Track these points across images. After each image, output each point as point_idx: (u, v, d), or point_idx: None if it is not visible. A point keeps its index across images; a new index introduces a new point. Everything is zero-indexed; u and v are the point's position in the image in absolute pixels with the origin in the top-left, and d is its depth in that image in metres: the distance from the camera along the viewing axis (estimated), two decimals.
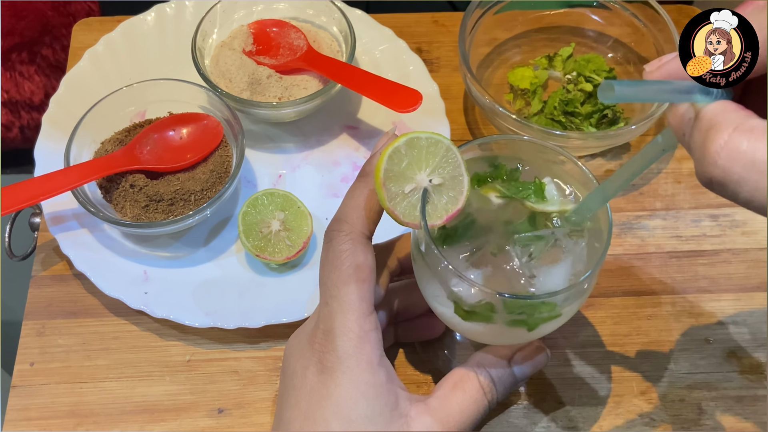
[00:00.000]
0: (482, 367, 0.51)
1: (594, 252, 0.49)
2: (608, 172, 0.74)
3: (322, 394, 0.46)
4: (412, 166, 0.46)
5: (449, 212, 0.47)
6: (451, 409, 0.48)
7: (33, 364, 0.63)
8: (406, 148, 0.46)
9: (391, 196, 0.46)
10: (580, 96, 0.74)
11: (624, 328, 0.66)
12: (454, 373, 0.51)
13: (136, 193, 0.66)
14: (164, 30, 0.78)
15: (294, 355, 0.50)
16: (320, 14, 0.77)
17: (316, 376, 0.47)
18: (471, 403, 0.49)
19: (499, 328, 0.47)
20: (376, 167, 0.45)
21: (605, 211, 0.48)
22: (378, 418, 0.46)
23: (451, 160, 0.47)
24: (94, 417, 0.61)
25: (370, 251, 0.48)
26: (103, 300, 0.66)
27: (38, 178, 0.64)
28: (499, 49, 0.80)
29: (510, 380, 0.52)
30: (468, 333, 0.52)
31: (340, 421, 0.46)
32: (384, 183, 0.45)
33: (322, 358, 0.47)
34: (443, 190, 0.47)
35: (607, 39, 0.80)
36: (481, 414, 0.50)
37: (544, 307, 0.46)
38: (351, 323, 0.46)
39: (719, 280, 0.68)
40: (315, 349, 0.48)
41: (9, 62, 1.03)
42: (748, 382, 0.63)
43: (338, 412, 0.46)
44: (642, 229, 0.71)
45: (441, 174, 0.47)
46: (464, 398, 0.49)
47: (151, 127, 0.69)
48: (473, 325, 0.48)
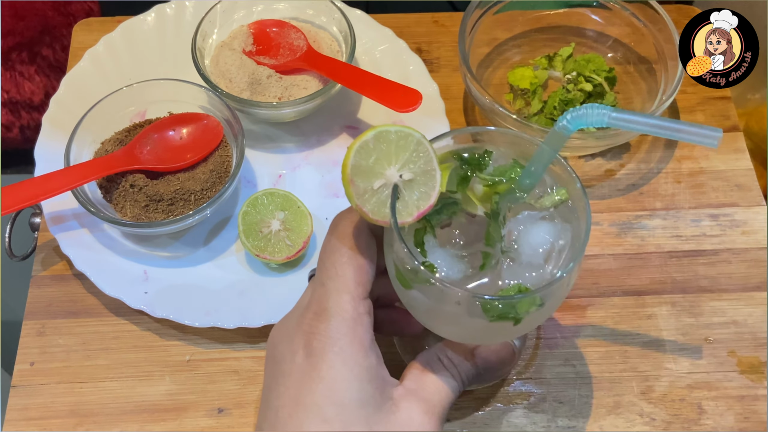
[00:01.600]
0: (445, 354, 0.50)
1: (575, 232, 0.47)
2: (608, 172, 0.74)
3: (312, 377, 0.44)
4: (380, 161, 0.44)
5: (421, 209, 0.44)
6: (428, 389, 0.48)
7: (33, 363, 0.63)
8: (374, 142, 0.44)
9: (359, 192, 0.44)
10: (580, 96, 0.74)
11: (624, 328, 0.66)
12: (418, 359, 0.50)
13: (136, 193, 0.66)
14: (164, 30, 0.78)
15: (281, 340, 0.48)
16: (320, 14, 0.77)
17: (306, 360, 0.45)
18: (443, 383, 0.48)
19: (475, 324, 0.46)
20: (343, 163, 0.43)
21: (581, 196, 0.46)
22: (370, 401, 0.44)
23: (423, 154, 0.44)
24: (94, 417, 0.61)
25: (372, 240, 0.48)
26: (103, 300, 0.66)
27: (38, 178, 0.64)
28: (499, 49, 0.80)
29: (473, 371, 0.50)
30: (445, 332, 0.50)
31: (334, 406, 0.44)
32: (352, 179, 0.43)
33: (312, 340, 0.45)
34: (414, 186, 0.44)
35: (607, 39, 0.80)
36: (455, 394, 0.49)
37: (525, 302, 0.44)
38: (346, 304, 0.45)
39: (719, 280, 0.68)
40: (304, 330, 0.46)
41: (9, 62, 1.03)
42: (748, 382, 0.63)
43: (331, 396, 0.44)
44: (642, 228, 0.71)
45: (412, 169, 0.44)
46: (437, 379, 0.48)
47: (151, 127, 0.69)
48: (448, 324, 0.47)
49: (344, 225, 0.48)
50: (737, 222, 0.71)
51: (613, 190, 0.73)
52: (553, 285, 0.43)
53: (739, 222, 0.71)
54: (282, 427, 0.44)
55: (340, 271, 0.46)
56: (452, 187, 0.46)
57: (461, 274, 0.46)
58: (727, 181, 0.73)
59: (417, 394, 0.47)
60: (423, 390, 0.48)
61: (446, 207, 0.47)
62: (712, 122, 0.77)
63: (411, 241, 0.46)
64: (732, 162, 0.74)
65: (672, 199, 0.72)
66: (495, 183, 0.47)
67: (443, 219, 0.47)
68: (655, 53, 0.76)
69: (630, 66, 0.78)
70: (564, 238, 0.47)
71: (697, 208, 0.72)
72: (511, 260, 0.46)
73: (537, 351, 0.64)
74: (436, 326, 0.49)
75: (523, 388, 0.63)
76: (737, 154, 0.75)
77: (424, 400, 0.47)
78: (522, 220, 0.47)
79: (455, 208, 0.47)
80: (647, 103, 0.74)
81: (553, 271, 0.46)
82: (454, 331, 0.49)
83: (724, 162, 0.74)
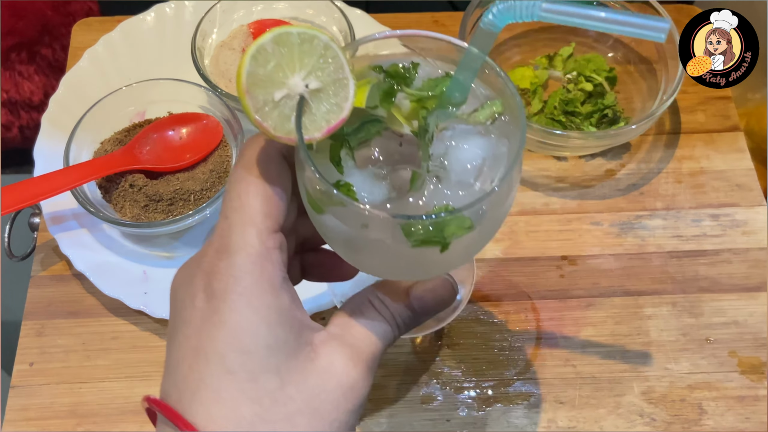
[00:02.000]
0: (375, 296, 0.44)
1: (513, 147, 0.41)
2: (608, 172, 0.74)
3: (213, 323, 0.38)
4: (282, 68, 0.38)
5: (331, 123, 0.39)
6: (357, 333, 0.42)
7: (32, 364, 0.63)
8: (273, 46, 0.38)
9: (257, 105, 0.38)
10: (580, 96, 0.74)
11: (624, 328, 0.66)
12: (347, 303, 0.44)
13: (135, 192, 0.66)
14: (164, 30, 0.78)
15: (182, 284, 0.41)
16: (320, 14, 0.77)
17: (207, 303, 0.39)
18: (374, 327, 0.43)
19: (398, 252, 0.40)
20: (238, 71, 0.38)
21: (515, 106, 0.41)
22: (282, 347, 0.38)
23: (332, 59, 0.39)
24: (93, 417, 0.61)
25: (285, 167, 0.42)
26: (102, 300, 0.66)
27: (38, 178, 0.64)
28: (499, 48, 0.80)
29: (407, 314, 0.45)
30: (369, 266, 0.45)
31: (237, 353, 0.38)
32: (248, 90, 0.37)
33: (213, 281, 0.39)
34: (323, 97, 0.39)
35: (608, 38, 0.80)
36: (388, 340, 0.43)
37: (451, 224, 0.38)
38: (251, 238, 0.39)
39: (720, 280, 0.68)
40: (204, 270, 0.39)
41: (8, 62, 1.03)
42: (748, 382, 0.63)
43: (234, 343, 0.38)
44: (642, 228, 0.71)
45: (319, 77, 0.39)
46: (366, 323, 0.42)
47: (150, 127, 0.69)
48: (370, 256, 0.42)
49: (251, 152, 0.41)
50: (738, 222, 0.71)
51: (614, 190, 0.73)
52: (482, 202, 0.38)
53: (740, 222, 0.71)
54: (182, 382, 0.39)
55: (245, 201, 0.40)
56: (374, 103, 0.41)
57: (382, 197, 0.41)
58: (728, 181, 0.73)
59: (341, 339, 0.41)
60: (349, 335, 0.42)
61: (367, 125, 0.42)
62: (713, 122, 0.77)
63: (326, 160, 0.41)
64: (733, 162, 0.74)
65: (672, 199, 0.72)
66: (423, 98, 0.42)
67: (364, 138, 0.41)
68: (655, 53, 0.76)
69: (630, 66, 0.78)
70: (499, 154, 0.41)
71: (698, 208, 0.72)
72: (438, 180, 0.41)
73: (537, 351, 0.64)
74: (358, 259, 0.44)
75: (523, 389, 0.63)
76: (738, 154, 0.75)
77: (350, 345, 0.41)
78: (451, 136, 0.42)
79: (378, 126, 0.42)
80: (648, 102, 0.74)
81: None
82: (378, 264, 0.44)
83: (725, 162, 0.74)
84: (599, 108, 0.73)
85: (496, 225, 0.42)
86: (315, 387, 0.39)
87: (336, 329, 0.42)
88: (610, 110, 0.74)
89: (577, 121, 0.73)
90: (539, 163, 0.74)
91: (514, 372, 0.63)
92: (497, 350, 0.65)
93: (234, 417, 0.37)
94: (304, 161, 0.39)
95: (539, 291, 0.67)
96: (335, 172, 0.41)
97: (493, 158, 0.41)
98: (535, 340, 0.65)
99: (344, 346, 0.41)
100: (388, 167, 0.42)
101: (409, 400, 0.62)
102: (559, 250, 0.69)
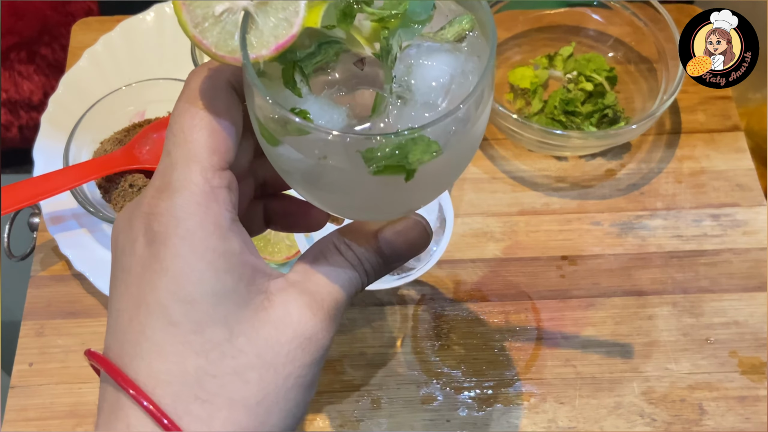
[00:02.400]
0: (341, 240, 0.40)
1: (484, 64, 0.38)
2: (608, 172, 0.74)
3: (154, 270, 0.35)
4: None
5: (280, 39, 0.35)
6: (318, 280, 0.38)
7: (32, 364, 0.63)
8: None
9: (196, 20, 0.34)
10: (580, 95, 0.74)
11: (624, 328, 0.65)
12: (310, 249, 0.40)
13: (135, 192, 0.66)
14: (163, 30, 0.78)
15: (122, 229, 0.37)
16: None
17: (147, 248, 0.35)
18: (339, 274, 0.39)
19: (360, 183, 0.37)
20: None
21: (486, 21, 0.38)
22: (231, 295, 0.35)
23: None
24: (93, 417, 0.61)
25: (233, 98, 0.38)
26: (102, 300, 0.66)
27: (37, 178, 0.64)
28: (500, 48, 0.80)
29: (376, 258, 0.40)
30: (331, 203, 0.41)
31: (180, 303, 0.34)
32: (184, 2, 0.34)
33: (153, 222, 0.35)
34: (270, 11, 0.35)
35: (608, 38, 0.79)
36: (354, 287, 0.39)
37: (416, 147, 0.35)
38: (195, 175, 0.35)
39: (720, 280, 0.68)
40: (144, 212, 0.36)
41: (8, 62, 1.03)
42: (749, 382, 0.63)
43: (177, 291, 0.34)
44: (643, 229, 0.71)
45: None
46: (329, 269, 0.39)
47: (150, 127, 0.69)
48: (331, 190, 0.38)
49: (196, 82, 0.38)
50: (738, 222, 0.71)
51: (614, 190, 0.73)
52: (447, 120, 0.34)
53: (740, 222, 0.71)
54: (122, 335, 0.35)
55: (189, 136, 0.36)
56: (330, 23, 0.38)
57: (342, 124, 0.37)
58: (728, 180, 0.73)
59: (300, 286, 0.37)
60: (310, 281, 0.38)
61: (324, 48, 0.38)
62: (713, 121, 0.77)
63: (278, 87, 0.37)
64: (733, 162, 0.74)
65: (673, 199, 0.72)
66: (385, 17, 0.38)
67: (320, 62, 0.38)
68: (656, 53, 0.76)
69: (631, 65, 0.78)
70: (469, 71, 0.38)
71: (698, 208, 0.72)
72: (403, 102, 0.38)
73: (538, 351, 0.64)
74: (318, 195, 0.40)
75: (523, 389, 0.63)
76: (738, 154, 0.75)
77: (310, 292, 0.37)
78: (416, 54, 0.39)
79: (336, 47, 0.38)
80: (648, 102, 0.74)
81: None
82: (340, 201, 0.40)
83: (725, 162, 0.74)
84: (599, 108, 0.73)
85: (467, 152, 0.39)
86: (268, 338, 0.35)
87: (296, 276, 0.38)
88: (610, 110, 0.73)
89: (578, 121, 0.73)
90: (539, 163, 0.74)
91: (514, 372, 0.63)
92: (497, 350, 0.65)
93: (178, 371, 0.34)
94: (252, 83, 0.35)
95: (539, 291, 0.67)
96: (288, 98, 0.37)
97: (461, 75, 0.38)
98: (535, 340, 0.65)
99: (303, 293, 0.37)
100: (347, 91, 0.38)
101: (409, 400, 0.62)
102: (559, 250, 0.69)
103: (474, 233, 0.70)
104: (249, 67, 0.35)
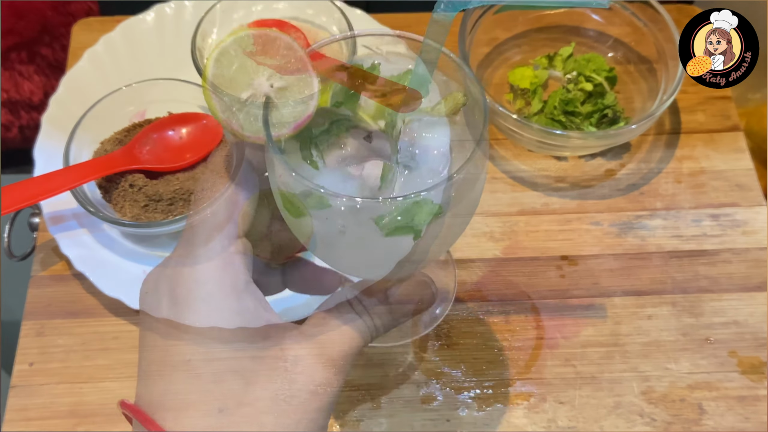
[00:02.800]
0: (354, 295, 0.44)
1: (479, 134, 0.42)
2: (608, 172, 0.74)
3: (178, 328, 0.40)
4: (246, 69, 0.40)
5: (298, 119, 0.40)
6: (329, 332, 0.42)
7: (32, 364, 0.63)
8: (236, 48, 0.39)
9: (224, 107, 0.39)
10: (580, 96, 0.74)
11: (624, 328, 0.66)
12: (325, 302, 0.45)
13: (135, 192, 0.66)
14: (164, 30, 0.78)
15: (148, 291, 0.42)
16: (320, 14, 0.77)
17: (171, 309, 0.40)
18: (349, 326, 0.43)
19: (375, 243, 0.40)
20: (203, 75, 0.38)
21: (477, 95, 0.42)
22: (246, 348, 0.40)
23: (295, 59, 0.40)
24: (93, 417, 0.61)
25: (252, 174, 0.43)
26: (102, 300, 0.66)
27: (37, 178, 0.64)
28: (499, 48, 0.80)
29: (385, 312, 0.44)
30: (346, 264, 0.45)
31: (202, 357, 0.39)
32: (214, 92, 0.39)
33: (176, 286, 0.40)
34: (289, 95, 0.40)
35: (608, 38, 0.80)
36: (364, 340, 0.43)
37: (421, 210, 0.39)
38: (214, 243, 0.40)
39: (720, 280, 0.68)
40: (168, 275, 0.41)
41: (8, 62, 1.03)
42: (749, 382, 0.63)
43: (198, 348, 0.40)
44: (642, 228, 0.71)
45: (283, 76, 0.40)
46: (341, 323, 0.42)
47: (150, 127, 0.69)
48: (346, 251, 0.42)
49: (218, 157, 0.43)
50: (738, 222, 0.71)
51: (614, 190, 0.73)
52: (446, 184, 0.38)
53: (740, 222, 0.71)
54: (152, 386, 0.40)
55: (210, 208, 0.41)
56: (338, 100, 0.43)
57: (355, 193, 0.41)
58: (728, 180, 0.73)
59: (313, 337, 0.41)
60: (321, 333, 0.42)
61: (336, 125, 0.42)
62: (713, 122, 0.77)
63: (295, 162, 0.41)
64: (733, 162, 0.74)
65: (672, 199, 0.72)
66: None
67: (332, 138, 0.42)
68: (655, 53, 0.76)
69: (630, 66, 0.78)
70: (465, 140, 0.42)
71: (698, 208, 0.72)
72: (409, 171, 0.41)
73: (538, 351, 0.64)
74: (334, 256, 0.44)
75: (523, 389, 0.63)
76: (738, 154, 0.75)
77: (320, 344, 0.41)
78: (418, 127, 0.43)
79: (346, 124, 0.42)
80: (648, 102, 0.74)
81: None
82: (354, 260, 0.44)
83: (725, 162, 0.74)
84: (599, 108, 0.73)
85: (468, 210, 0.42)
86: (281, 387, 0.40)
87: (309, 328, 0.42)
88: (610, 110, 0.74)
89: (577, 121, 0.73)
90: (539, 163, 0.74)
91: (514, 372, 0.63)
92: (497, 350, 0.65)
93: (200, 419, 0.38)
94: (275, 159, 0.39)
95: (539, 291, 0.67)
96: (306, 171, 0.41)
97: (460, 145, 0.42)
98: (535, 340, 0.65)
99: (314, 345, 0.41)
100: (358, 162, 0.42)
101: (409, 400, 0.62)
102: (559, 250, 0.69)
103: (474, 233, 0.70)
104: (273, 146, 0.38)
